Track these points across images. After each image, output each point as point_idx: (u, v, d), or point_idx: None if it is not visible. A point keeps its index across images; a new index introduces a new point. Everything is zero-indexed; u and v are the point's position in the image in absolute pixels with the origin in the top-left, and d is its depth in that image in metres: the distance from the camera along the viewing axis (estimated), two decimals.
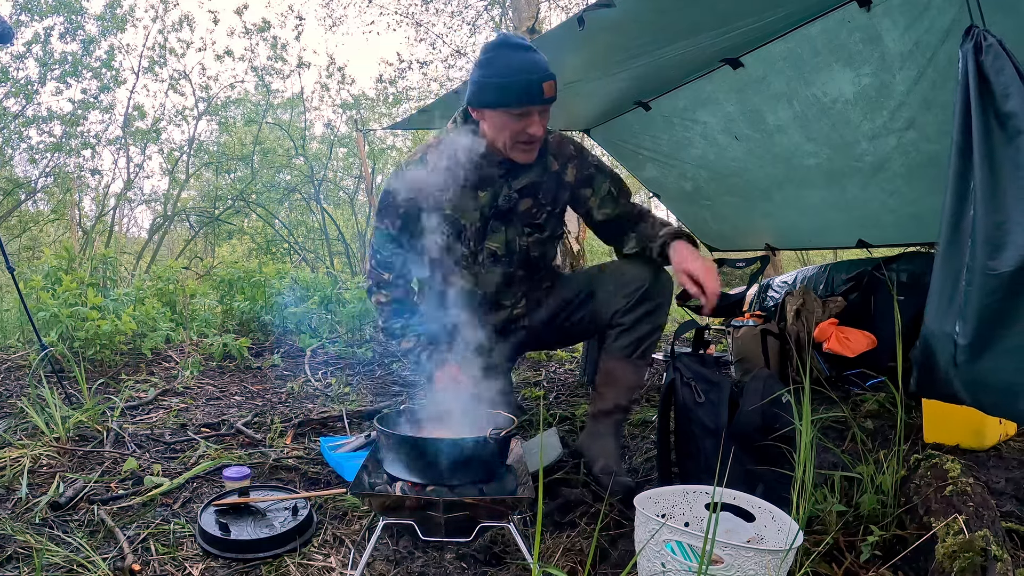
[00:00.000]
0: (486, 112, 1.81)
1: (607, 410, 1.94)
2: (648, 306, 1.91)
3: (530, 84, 1.71)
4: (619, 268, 2.01)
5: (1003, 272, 1.25)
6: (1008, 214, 1.25)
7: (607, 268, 2.06)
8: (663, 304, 1.93)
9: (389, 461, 1.52)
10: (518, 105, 1.74)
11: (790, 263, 8.47)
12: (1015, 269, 1.24)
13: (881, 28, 2.16)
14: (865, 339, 2.79)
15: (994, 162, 1.28)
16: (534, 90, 1.71)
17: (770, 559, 1.12)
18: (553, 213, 2.01)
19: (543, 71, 1.72)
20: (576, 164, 1.99)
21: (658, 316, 1.93)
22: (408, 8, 11.92)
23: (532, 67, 1.71)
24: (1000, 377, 1.29)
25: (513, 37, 1.80)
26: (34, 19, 8.22)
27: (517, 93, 1.72)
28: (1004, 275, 1.25)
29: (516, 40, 1.79)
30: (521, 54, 1.73)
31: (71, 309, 3.13)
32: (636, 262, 1.99)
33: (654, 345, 1.96)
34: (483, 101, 1.79)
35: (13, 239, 9.04)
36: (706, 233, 4.40)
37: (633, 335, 1.91)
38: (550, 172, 1.97)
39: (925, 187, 2.74)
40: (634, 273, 1.94)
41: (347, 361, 3.72)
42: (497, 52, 1.75)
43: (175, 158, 9.73)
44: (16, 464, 1.95)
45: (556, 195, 2.00)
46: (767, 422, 1.64)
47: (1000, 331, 1.28)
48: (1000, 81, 1.27)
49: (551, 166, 1.97)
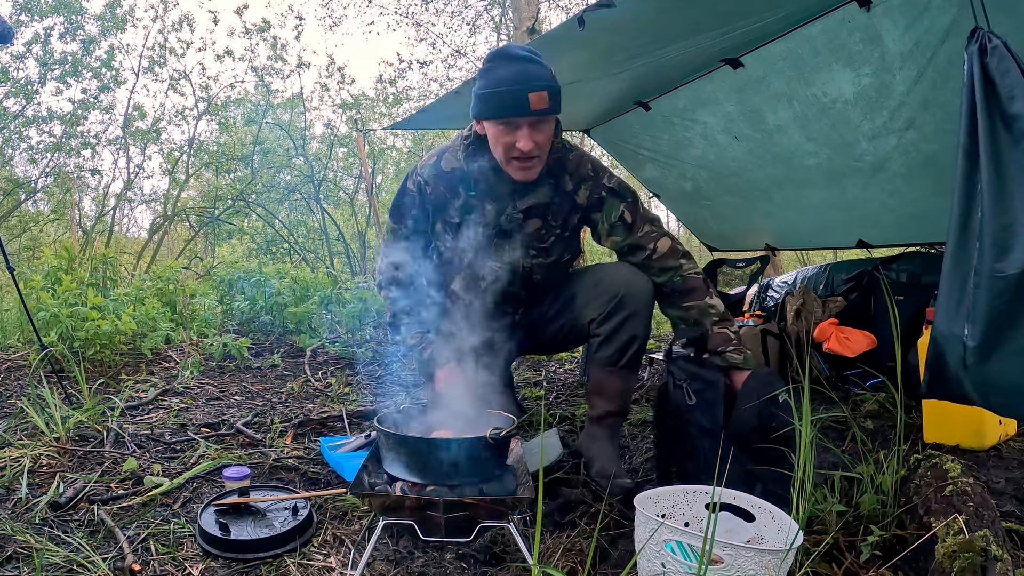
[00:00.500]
0: (484, 124, 1.76)
1: (599, 416, 1.93)
2: (622, 316, 1.83)
3: (514, 95, 1.63)
4: (595, 275, 1.93)
5: (1010, 274, 1.26)
6: (1015, 216, 1.26)
7: (587, 273, 1.98)
8: (639, 312, 1.83)
9: (389, 461, 1.52)
10: (503, 117, 1.68)
11: (790, 263, 8.46)
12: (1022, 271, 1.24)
13: (881, 28, 2.16)
14: (865, 339, 2.79)
15: (1001, 164, 1.28)
16: (519, 101, 1.63)
17: (770, 559, 1.12)
18: (562, 236, 1.93)
19: (534, 82, 1.64)
20: (590, 186, 1.90)
21: (634, 325, 1.84)
22: (408, 8, 11.93)
23: (522, 78, 1.64)
24: (1008, 378, 1.29)
25: (515, 47, 1.74)
26: (34, 19, 8.22)
27: (501, 104, 1.66)
28: (1012, 277, 1.26)
29: (516, 51, 1.72)
30: (516, 65, 1.67)
31: (71, 309, 3.13)
32: (615, 268, 1.91)
33: (640, 353, 1.88)
34: (476, 112, 1.75)
35: (13, 239, 9.04)
36: (706, 233, 4.40)
37: (612, 345, 1.85)
38: (564, 193, 1.88)
39: (925, 187, 2.74)
40: (609, 281, 1.86)
41: (347, 361, 3.72)
42: (494, 63, 1.70)
43: (175, 158, 9.73)
44: (16, 464, 1.95)
45: (567, 218, 1.91)
46: (765, 422, 1.64)
47: (1008, 333, 1.28)
48: (1006, 83, 1.27)
49: (566, 186, 1.88)
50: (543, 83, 1.65)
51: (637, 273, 1.87)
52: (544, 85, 1.65)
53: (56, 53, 8.37)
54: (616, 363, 1.86)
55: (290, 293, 4.29)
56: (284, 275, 4.61)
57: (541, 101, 1.64)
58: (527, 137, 1.69)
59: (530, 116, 1.66)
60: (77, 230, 9.62)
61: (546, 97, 1.64)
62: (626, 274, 1.87)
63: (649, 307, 1.87)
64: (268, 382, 3.23)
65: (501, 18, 11.42)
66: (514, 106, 1.65)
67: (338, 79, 13.25)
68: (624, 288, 1.83)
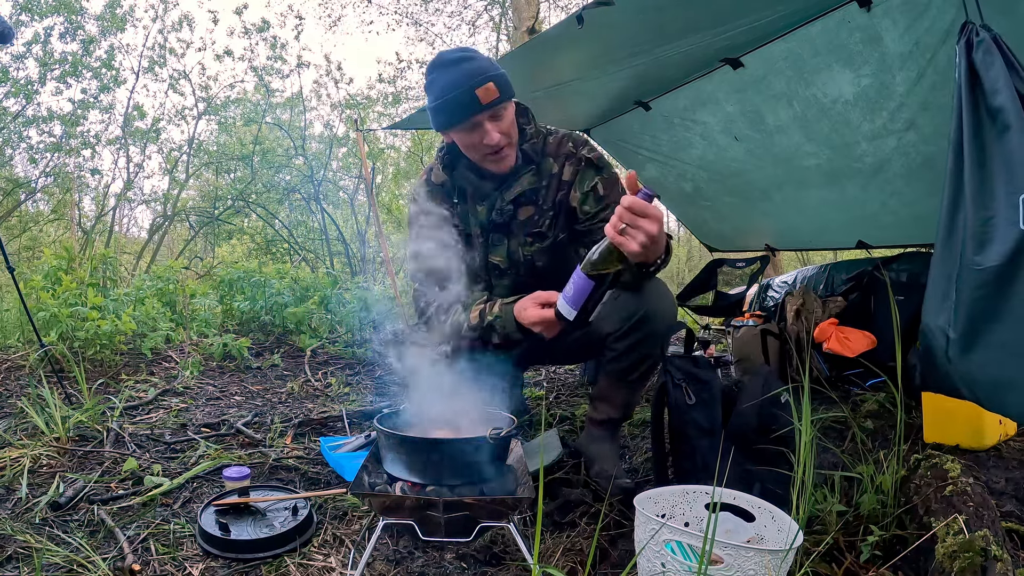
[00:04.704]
0: (450, 133, 1.78)
1: (601, 420, 1.93)
2: (639, 335, 1.79)
3: (462, 97, 1.65)
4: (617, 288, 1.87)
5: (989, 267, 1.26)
6: (996, 210, 1.26)
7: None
8: (657, 334, 1.79)
9: (389, 461, 1.52)
10: (460, 121, 1.69)
11: (790, 263, 8.47)
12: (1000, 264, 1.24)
13: (881, 28, 2.16)
14: (865, 339, 2.80)
15: (984, 158, 1.29)
16: (468, 100, 1.65)
17: (770, 559, 1.12)
18: (557, 217, 1.92)
19: (475, 77, 1.64)
20: (573, 160, 1.89)
21: (650, 345, 1.80)
22: (408, 8, 11.93)
23: (464, 78, 1.65)
24: (989, 371, 1.30)
25: (446, 53, 1.74)
26: (34, 19, 8.21)
27: (453, 110, 1.67)
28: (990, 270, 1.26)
29: (448, 56, 1.72)
30: (452, 69, 1.67)
31: (71, 309, 3.13)
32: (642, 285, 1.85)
33: (651, 370, 1.87)
34: (436, 126, 1.76)
35: (13, 239, 9.03)
36: (706, 233, 4.40)
37: (625, 362, 1.83)
38: (550, 175, 1.88)
39: (925, 188, 2.74)
40: (634, 296, 1.80)
41: (347, 361, 3.71)
42: (434, 75, 1.71)
43: (175, 158, 9.74)
44: (16, 464, 1.95)
45: (556, 197, 1.91)
46: (765, 422, 1.64)
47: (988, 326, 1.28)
48: (990, 76, 1.28)
49: (550, 168, 1.88)
50: (486, 75, 1.66)
51: (662, 293, 1.83)
52: (487, 77, 1.66)
53: (56, 53, 8.36)
54: (625, 377, 1.86)
55: (290, 293, 4.29)
56: (284, 275, 4.61)
57: (489, 93, 1.65)
58: (490, 131, 1.70)
59: (484, 110, 1.68)
60: (77, 230, 9.61)
61: (493, 88, 1.65)
62: (650, 291, 1.80)
63: (670, 330, 1.84)
64: (268, 382, 3.23)
65: (501, 18, 11.42)
66: (466, 107, 1.66)
67: (336, 78, 13.24)
68: (646, 308, 1.77)
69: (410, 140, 11.22)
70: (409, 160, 11.33)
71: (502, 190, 1.87)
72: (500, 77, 1.68)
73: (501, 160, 1.78)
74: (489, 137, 1.70)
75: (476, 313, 1.76)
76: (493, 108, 1.68)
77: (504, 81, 1.69)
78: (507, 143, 1.76)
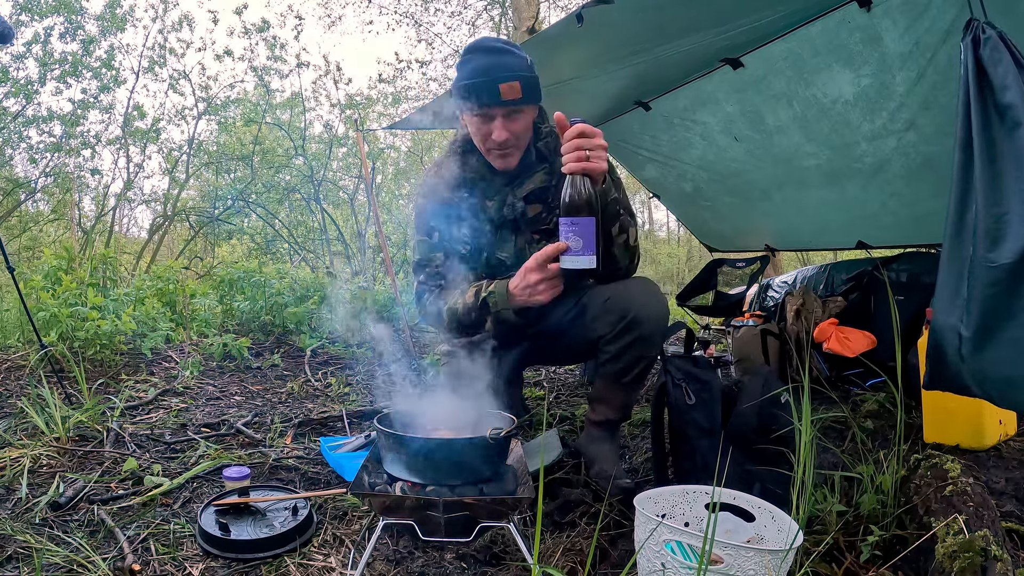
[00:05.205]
0: (465, 117, 1.78)
1: (600, 421, 1.93)
2: (631, 337, 1.75)
3: (485, 86, 1.65)
4: (607, 290, 1.84)
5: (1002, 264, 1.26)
6: (1009, 206, 1.25)
7: (599, 287, 1.90)
8: (649, 335, 1.75)
9: (389, 461, 1.52)
10: (475, 108, 1.69)
11: (790, 263, 8.47)
12: (1014, 261, 1.24)
13: (881, 28, 2.16)
14: (865, 339, 2.80)
15: (994, 155, 1.28)
16: (489, 90, 1.64)
17: (770, 559, 1.12)
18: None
19: (506, 72, 1.64)
20: None
21: (643, 348, 1.76)
22: (408, 8, 11.94)
23: (494, 69, 1.65)
24: (1003, 369, 1.29)
25: (490, 40, 1.75)
26: (34, 19, 8.21)
27: (473, 95, 1.67)
28: (1003, 267, 1.25)
29: (490, 43, 1.73)
30: (490, 56, 1.67)
31: (71, 309, 3.13)
32: (631, 285, 1.83)
33: (646, 371, 1.84)
34: (454, 105, 1.76)
35: (13, 239, 9.03)
36: (706, 233, 4.40)
37: (619, 364, 1.79)
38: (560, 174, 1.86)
39: (925, 189, 2.74)
40: (619, 299, 1.78)
41: (347, 361, 3.71)
42: (469, 56, 1.71)
43: (175, 158, 9.73)
44: (16, 464, 1.95)
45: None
46: (765, 422, 1.64)
47: (1001, 323, 1.28)
48: (998, 73, 1.27)
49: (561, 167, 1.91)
50: (515, 73, 1.65)
51: (652, 293, 1.80)
52: (516, 75, 1.65)
53: (56, 53, 8.36)
54: (621, 379, 1.84)
55: (290, 293, 4.29)
56: (284, 275, 4.61)
57: (512, 91, 1.65)
58: (501, 127, 1.70)
59: (502, 106, 1.67)
60: (77, 230, 9.61)
61: (518, 87, 1.65)
62: (638, 292, 1.78)
63: (662, 330, 1.80)
64: (268, 382, 3.23)
65: (501, 18, 11.42)
66: (486, 96, 1.66)
67: (335, 78, 13.24)
68: (635, 309, 1.75)
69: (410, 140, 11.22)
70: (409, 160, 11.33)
71: (513, 187, 1.87)
72: (529, 80, 1.68)
73: (504, 158, 1.79)
74: (498, 133, 1.71)
75: (472, 292, 1.77)
76: (511, 106, 1.68)
77: (532, 84, 1.69)
78: (514, 144, 1.76)
